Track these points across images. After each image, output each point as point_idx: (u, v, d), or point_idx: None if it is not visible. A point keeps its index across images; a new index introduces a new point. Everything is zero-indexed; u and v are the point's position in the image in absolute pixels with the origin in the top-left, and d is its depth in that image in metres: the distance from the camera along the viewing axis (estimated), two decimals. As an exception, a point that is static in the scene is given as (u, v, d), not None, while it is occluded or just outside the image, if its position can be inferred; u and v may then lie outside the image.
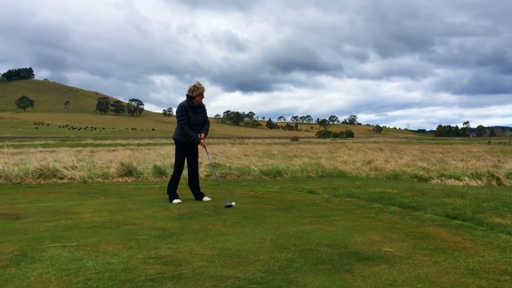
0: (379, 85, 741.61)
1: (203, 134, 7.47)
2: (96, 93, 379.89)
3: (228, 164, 14.48)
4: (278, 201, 7.54)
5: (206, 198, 7.69)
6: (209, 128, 7.75)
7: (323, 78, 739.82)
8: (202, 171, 12.97)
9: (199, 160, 15.05)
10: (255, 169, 13.44)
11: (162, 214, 6.15)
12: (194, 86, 7.35)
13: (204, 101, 7.57)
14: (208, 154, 7.93)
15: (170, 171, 12.58)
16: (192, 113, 7.36)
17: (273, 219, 5.77)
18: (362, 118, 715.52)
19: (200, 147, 7.74)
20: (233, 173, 12.95)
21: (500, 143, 68.32)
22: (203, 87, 7.38)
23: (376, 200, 7.41)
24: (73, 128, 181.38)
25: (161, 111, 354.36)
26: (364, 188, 9.25)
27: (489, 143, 66.84)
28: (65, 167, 12.57)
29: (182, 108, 7.37)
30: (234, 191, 9.29)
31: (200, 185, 8.05)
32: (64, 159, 14.51)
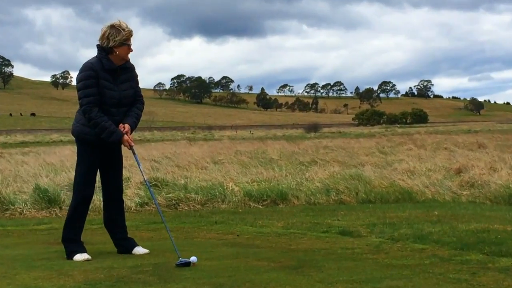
0: (473, 19, 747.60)
1: (127, 125, 7.47)
2: None
3: (183, 181, 14.46)
4: (281, 253, 7.54)
5: (139, 250, 7.68)
6: (142, 112, 7.72)
7: (363, 9, 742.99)
8: (130, 195, 12.95)
9: (126, 173, 15.08)
10: (236, 189, 13.44)
11: (52, 284, 6.12)
12: (112, 27, 7.34)
13: (132, 57, 7.55)
14: (140, 164, 7.90)
15: (68, 198, 12.52)
16: (108, 83, 7.36)
17: (272, 289, 5.79)
18: (443, 85, 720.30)
19: (124, 149, 7.74)
20: (192, 199, 12.94)
21: None
22: (129, 29, 7.37)
23: (473, 246, 7.46)
24: None
25: (48, 79, 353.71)
26: (449, 224, 9.24)
27: None
28: None
29: (88, 72, 7.33)
30: (196, 235, 9.24)
31: (127, 223, 8.05)
32: None
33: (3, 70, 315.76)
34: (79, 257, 7.31)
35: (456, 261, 6.81)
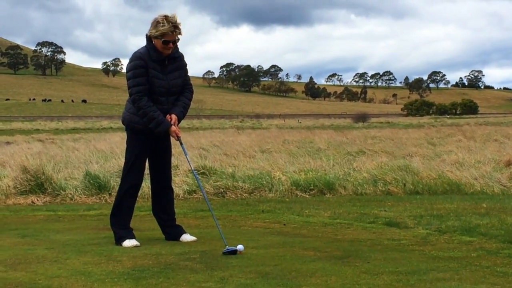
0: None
1: (174, 116, 7.54)
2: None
3: (231, 170, 14.51)
4: (327, 243, 7.56)
5: (187, 237, 7.77)
6: (190, 101, 7.78)
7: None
8: (178, 183, 13.04)
9: (174, 161, 15.19)
10: (283, 179, 13.46)
11: (102, 269, 6.22)
12: (156, 18, 7.40)
13: (181, 45, 7.61)
14: (187, 154, 7.94)
15: (117, 184, 12.65)
16: (156, 72, 7.44)
17: (318, 278, 5.80)
18: (494, 75, 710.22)
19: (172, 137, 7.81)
20: (240, 188, 12.99)
21: None
22: (176, 20, 7.42)
23: (521, 239, 7.39)
24: None
25: (99, 66, 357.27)
26: (498, 216, 9.14)
27: None
28: None
29: (137, 62, 7.43)
30: (243, 223, 9.31)
31: (176, 211, 8.13)
32: None
33: (55, 57, 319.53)
34: (127, 243, 7.42)
35: (504, 255, 6.75)
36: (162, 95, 7.49)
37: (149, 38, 7.43)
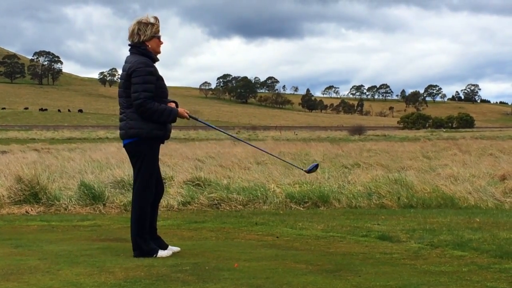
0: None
1: (172, 103, 7.60)
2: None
3: (226, 182, 14.53)
4: (320, 256, 7.59)
5: (173, 249, 7.79)
6: None
7: (401, 12, 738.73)
8: (173, 194, 13.08)
9: (169, 171, 15.27)
10: (278, 191, 13.48)
11: (94, 280, 6.24)
12: (151, 18, 7.51)
13: (175, 55, 7.84)
14: (208, 123, 7.93)
15: (112, 195, 12.69)
16: (161, 79, 7.52)
17: (309, 292, 5.82)
18: (489, 89, 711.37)
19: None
20: (234, 200, 13.01)
21: None
22: (157, 23, 7.54)
23: (513, 254, 7.43)
24: None
25: (92, 76, 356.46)
26: (490, 231, 9.19)
27: None
28: None
29: (149, 68, 7.39)
30: (236, 235, 9.32)
31: (169, 222, 8.18)
32: None
33: (52, 67, 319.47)
34: (163, 252, 7.52)
35: (495, 269, 6.78)
36: (166, 97, 7.61)
37: (140, 44, 7.46)
